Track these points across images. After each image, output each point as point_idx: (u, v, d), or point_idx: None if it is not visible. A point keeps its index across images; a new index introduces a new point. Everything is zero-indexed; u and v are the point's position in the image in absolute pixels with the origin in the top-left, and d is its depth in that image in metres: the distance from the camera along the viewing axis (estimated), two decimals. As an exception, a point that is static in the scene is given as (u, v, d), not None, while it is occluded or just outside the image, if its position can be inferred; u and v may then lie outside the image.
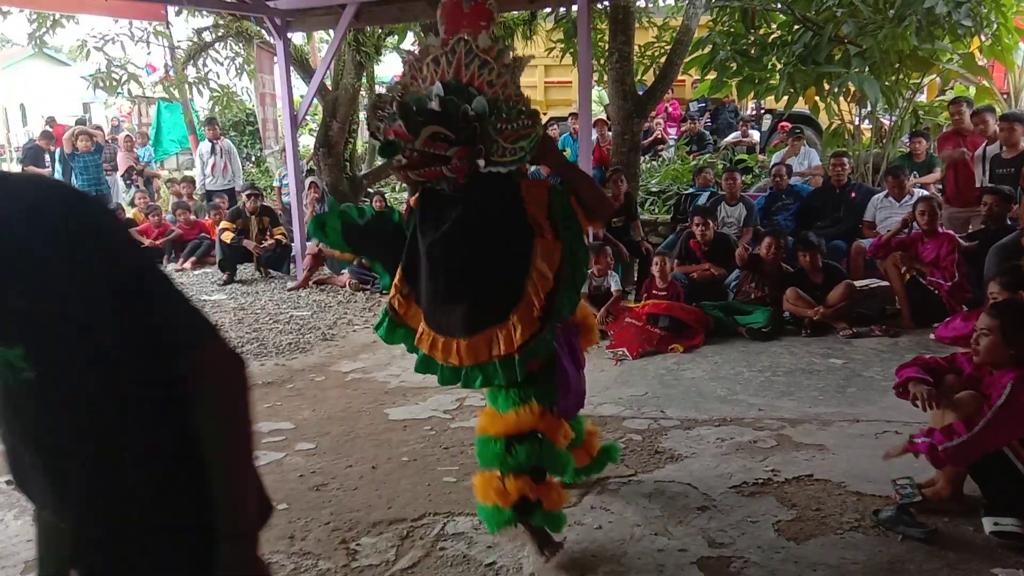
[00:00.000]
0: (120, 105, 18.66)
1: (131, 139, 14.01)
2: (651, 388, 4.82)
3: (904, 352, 5.26)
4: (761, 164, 11.06)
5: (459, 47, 2.45)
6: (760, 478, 3.50)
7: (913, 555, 2.83)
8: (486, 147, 2.40)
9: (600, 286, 6.20)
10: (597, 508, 3.30)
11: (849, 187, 7.38)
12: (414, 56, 2.57)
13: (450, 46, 2.47)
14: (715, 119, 14.99)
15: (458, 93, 2.41)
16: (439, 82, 2.44)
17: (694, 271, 6.45)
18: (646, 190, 10.27)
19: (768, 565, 2.82)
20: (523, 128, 2.42)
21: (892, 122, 8.97)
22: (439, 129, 2.35)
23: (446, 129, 2.36)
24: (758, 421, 4.20)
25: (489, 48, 2.43)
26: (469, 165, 2.40)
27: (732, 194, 7.39)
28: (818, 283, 5.94)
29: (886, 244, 6.05)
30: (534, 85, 15.80)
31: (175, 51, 13.06)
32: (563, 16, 9.81)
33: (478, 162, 2.40)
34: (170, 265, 9.58)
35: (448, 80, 2.45)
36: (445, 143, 2.36)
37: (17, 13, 11.55)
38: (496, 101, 2.41)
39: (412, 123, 2.36)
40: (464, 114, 2.38)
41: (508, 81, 2.43)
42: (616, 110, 8.37)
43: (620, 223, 7.44)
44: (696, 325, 5.78)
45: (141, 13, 9.93)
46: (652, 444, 3.95)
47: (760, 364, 5.18)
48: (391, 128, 2.41)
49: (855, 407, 4.34)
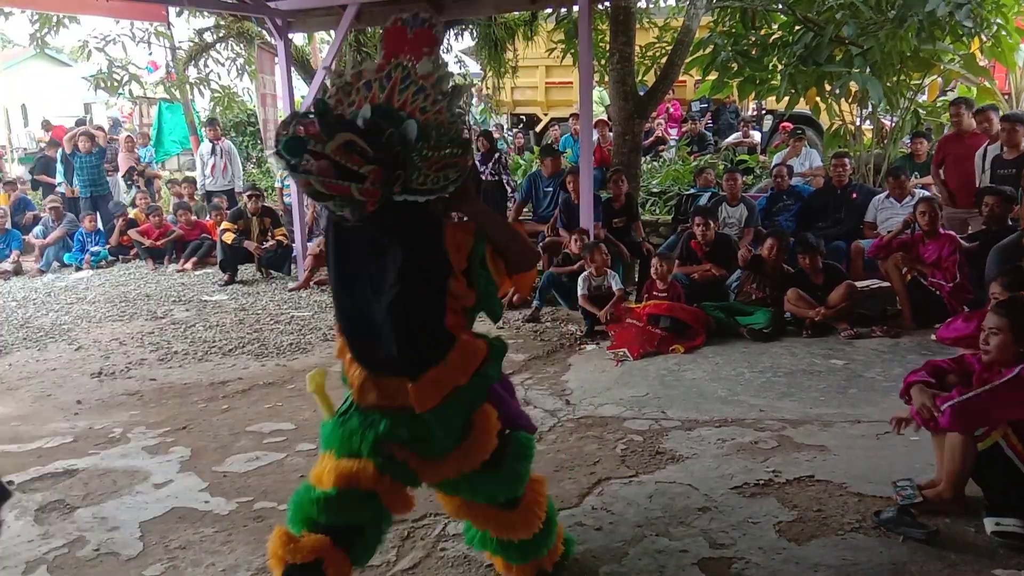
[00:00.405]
0: (121, 106, 18.67)
1: (132, 139, 14.02)
2: (652, 389, 4.82)
3: (905, 353, 5.26)
4: (762, 165, 11.06)
5: (396, 72, 2.28)
6: (761, 479, 3.50)
7: (914, 556, 2.83)
8: (406, 174, 2.17)
9: (600, 286, 6.21)
10: (598, 509, 3.30)
11: (850, 188, 7.38)
12: (343, 79, 2.33)
13: (386, 71, 2.29)
14: (716, 120, 15.00)
15: (386, 117, 2.20)
16: (368, 104, 2.23)
17: (695, 272, 6.45)
18: (647, 191, 10.27)
19: (769, 566, 2.82)
20: (451, 157, 2.21)
21: (893, 123, 8.97)
22: (355, 138, 2.12)
23: (365, 143, 2.14)
24: (759, 422, 4.19)
25: (428, 74, 2.26)
26: (383, 190, 2.15)
27: (733, 195, 7.39)
28: (819, 284, 5.94)
29: (887, 245, 6.05)
30: (535, 86, 15.83)
31: (176, 52, 13.07)
32: (564, 17, 9.82)
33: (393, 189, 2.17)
34: (171, 266, 9.58)
35: (378, 103, 2.25)
36: (360, 157, 2.12)
37: (19, 14, 11.57)
38: (427, 127, 2.21)
39: (328, 125, 2.14)
40: (389, 137, 2.16)
41: (444, 108, 2.25)
42: (617, 111, 8.37)
43: (621, 224, 7.45)
44: (697, 326, 5.78)
45: (142, 14, 9.94)
46: (653, 445, 3.95)
47: (761, 365, 5.17)
48: (302, 123, 2.15)
49: (856, 408, 4.34)
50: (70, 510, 3.50)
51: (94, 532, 3.30)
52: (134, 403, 4.95)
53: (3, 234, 9.88)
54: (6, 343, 6.47)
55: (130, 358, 5.92)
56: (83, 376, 5.54)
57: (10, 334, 6.75)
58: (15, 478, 3.84)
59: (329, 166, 2.11)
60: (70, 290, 8.55)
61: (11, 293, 8.48)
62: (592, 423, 4.29)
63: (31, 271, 9.64)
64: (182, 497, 3.59)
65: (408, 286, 2.26)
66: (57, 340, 6.53)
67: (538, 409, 4.53)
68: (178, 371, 5.55)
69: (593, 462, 3.77)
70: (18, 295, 8.37)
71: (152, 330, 6.71)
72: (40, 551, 3.16)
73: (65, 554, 3.14)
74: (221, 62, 13.20)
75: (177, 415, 4.67)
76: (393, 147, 2.16)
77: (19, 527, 3.36)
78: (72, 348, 6.28)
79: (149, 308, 7.53)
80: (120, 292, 8.31)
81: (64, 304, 7.85)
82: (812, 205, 7.60)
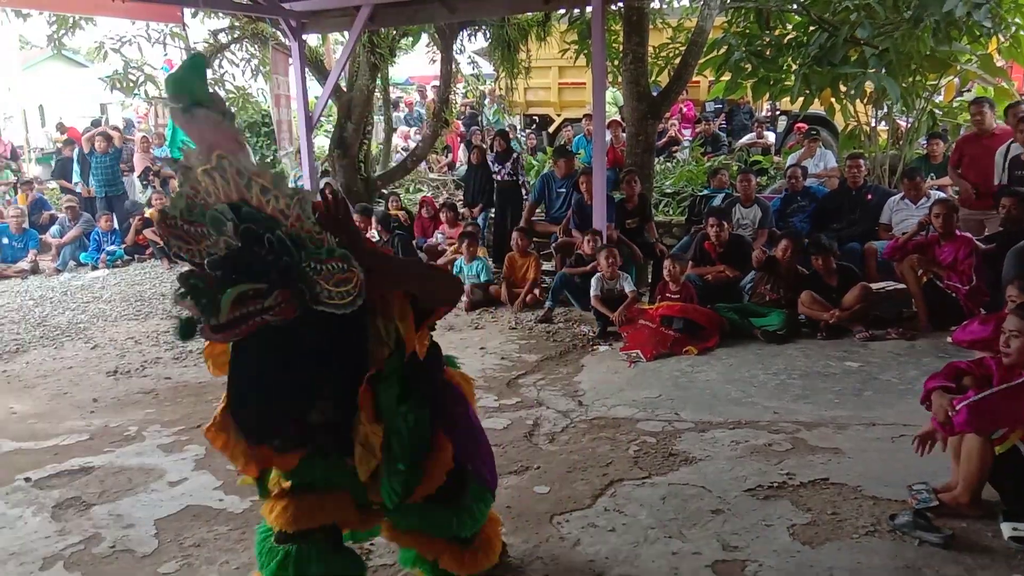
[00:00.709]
0: (136, 106, 18.78)
1: (148, 140, 14.08)
2: (665, 390, 4.81)
3: (921, 355, 5.22)
4: (776, 166, 11.01)
5: (225, 164, 1.96)
6: (775, 481, 3.48)
7: (930, 560, 2.81)
8: (307, 287, 1.99)
9: (613, 288, 6.20)
10: (611, 511, 3.29)
11: (865, 189, 7.33)
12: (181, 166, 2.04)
13: (215, 163, 1.98)
14: (730, 120, 14.94)
15: (254, 219, 1.96)
16: (224, 204, 1.98)
17: (709, 273, 6.43)
18: (660, 191, 10.25)
19: (783, 569, 2.81)
20: (340, 272, 1.97)
21: (909, 124, 8.90)
22: (245, 288, 1.93)
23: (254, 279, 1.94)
24: (773, 424, 4.18)
25: (261, 173, 1.96)
26: (297, 301, 1.99)
27: (747, 196, 7.36)
28: (833, 285, 5.91)
29: (903, 247, 6.01)
30: (548, 86, 15.81)
31: (191, 52, 13.14)
32: (577, 17, 9.80)
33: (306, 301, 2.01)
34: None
35: (236, 201, 1.98)
36: (259, 298, 1.95)
37: (37, 16, 11.65)
38: (297, 237, 1.97)
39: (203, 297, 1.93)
40: (270, 244, 1.95)
41: (301, 216, 1.97)
42: (630, 111, 8.35)
43: (634, 225, 7.43)
44: (710, 327, 5.76)
45: (158, 15, 10.01)
46: (666, 446, 3.94)
47: (775, 367, 5.15)
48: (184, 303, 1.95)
49: (871, 410, 4.32)
50: (86, 507, 3.54)
51: (110, 529, 3.33)
52: (149, 401, 4.99)
53: (21, 233, 9.97)
54: (23, 341, 6.54)
55: (145, 357, 5.96)
56: (99, 374, 5.58)
57: (27, 332, 6.81)
58: (32, 475, 3.88)
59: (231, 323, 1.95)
60: (86, 289, 8.62)
61: (28, 292, 8.55)
62: (605, 424, 4.29)
63: (48, 270, 9.72)
64: (197, 495, 3.61)
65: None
66: (73, 338, 6.58)
67: (550, 410, 4.53)
68: (193, 370, 5.58)
69: (606, 463, 3.77)
70: (35, 294, 8.45)
71: (167, 329, 6.75)
72: (57, 547, 3.19)
73: (81, 551, 3.17)
74: (236, 63, 13.22)
75: (192, 413, 4.69)
76: (279, 259, 1.96)
77: (36, 523, 3.39)
78: (88, 346, 6.33)
79: (164, 307, 7.57)
80: (136, 291, 8.37)
81: (80, 303, 7.91)
82: (827, 206, 7.56)
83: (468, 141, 13.58)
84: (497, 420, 4.38)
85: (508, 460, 3.84)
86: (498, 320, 6.74)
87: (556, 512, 3.31)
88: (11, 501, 3.62)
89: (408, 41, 13.03)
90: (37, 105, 21.63)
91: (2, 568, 3.05)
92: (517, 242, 7.38)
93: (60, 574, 3.01)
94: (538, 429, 4.26)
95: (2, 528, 3.37)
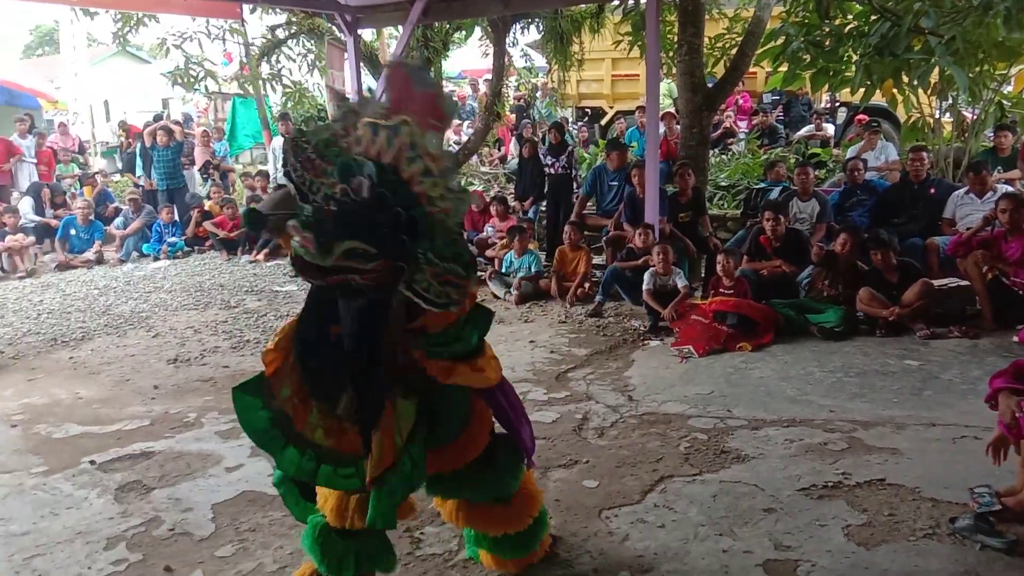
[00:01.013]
0: (196, 101, 19.25)
1: (208, 134, 14.44)
2: (717, 387, 4.75)
3: (984, 355, 5.06)
4: (835, 159, 10.75)
5: (402, 131, 1.95)
6: (830, 481, 3.42)
7: (992, 566, 2.73)
8: (410, 272, 1.95)
9: (665, 283, 6.14)
10: (660, 507, 3.27)
11: (928, 183, 7.12)
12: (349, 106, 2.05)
13: (393, 123, 1.96)
14: (788, 112, 14.63)
15: (394, 189, 1.93)
16: (372, 163, 1.94)
17: (764, 268, 6.32)
18: (715, 184, 10.09)
19: (836, 570, 2.76)
20: (455, 275, 1.96)
21: (975, 115, 8.61)
22: (358, 245, 1.89)
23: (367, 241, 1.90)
24: (829, 423, 4.09)
25: (436, 156, 1.96)
26: (392, 278, 1.96)
27: (805, 189, 7.21)
28: (893, 282, 5.75)
29: (967, 242, 5.82)
30: (601, 79, 15.70)
31: (250, 48, 13.41)
32: (631, 9, 9.71)
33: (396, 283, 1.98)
34: (244, 257, 9.84)
35: (384, 164, 1.95)
36: (363, 258, 1.91)
37: (103, 14, 12.02)
38: (432, 225, 1.94)
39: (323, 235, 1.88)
40: (396, 220, 1.92)
41: (451, 209, 1.96)
42: (685, 103, 8.24)
43: (687, 218, 7.35)
44: (765, 323, 5.66)
45: (218, 12, 10.26)
46: (718, 444, 3.89)
47: (832, 364, 5.04)
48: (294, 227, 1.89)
49: (931, 410, 4.20)
50: (147, 490, 3.65)
51: (169, 512, 3.43)
52: (208, 389, 5.12)
53: (87, 225, 10.31)
54: (89, 329, 6.77)
55: (204, 345, 6.12)
56: (160, 362, 5.75)
57: (92, 320, 7.05)
58: (96, 458, 4.02)
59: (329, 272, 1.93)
60: (148, 279, 8.87)
61: (93, 281, 8.85)
62: (655, 420, 4.25)
63: (112, 260, 10.04)
64: (252, 481, 3.70)
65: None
66: (136, 327, 6.79)
67: (600, 404, 4.52)
68: (250, 359, 5.70)
69: (656, 459, 3.74)
70: (100, 283, 8.73)
71: (225, 319, 6.92)
72: (119, 528, 3.30)
73: (142, 532, 3.27)
74: (292, 58, 13.49)
75: (248, 402, 4.79)
76: (398, 234, 1.93)
77: (100, 504, 3.51)
78: (150, 335, 6.52)
79: (223, 297, 7.76)
80: (195, 282, 8.59)
81: (142, 292, 8.15)
82: (887, 200, 7.36)
83: (519, 134, 13.57)
84: (546, 414, 4.39)
85: (557, 454, 3.85)
86: (548, 314, 6.73)
87: (605, 507, 3.30)
88: (77, 483, 3.76)
89: (461, 35, 13.07)
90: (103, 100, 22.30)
91: (69, 546, 3.17)
92: (569, 236, 7.36)
93: (123, 554, 3.11)
94: (587, 423, 4.25)
95: (69, 508, 3.50)
